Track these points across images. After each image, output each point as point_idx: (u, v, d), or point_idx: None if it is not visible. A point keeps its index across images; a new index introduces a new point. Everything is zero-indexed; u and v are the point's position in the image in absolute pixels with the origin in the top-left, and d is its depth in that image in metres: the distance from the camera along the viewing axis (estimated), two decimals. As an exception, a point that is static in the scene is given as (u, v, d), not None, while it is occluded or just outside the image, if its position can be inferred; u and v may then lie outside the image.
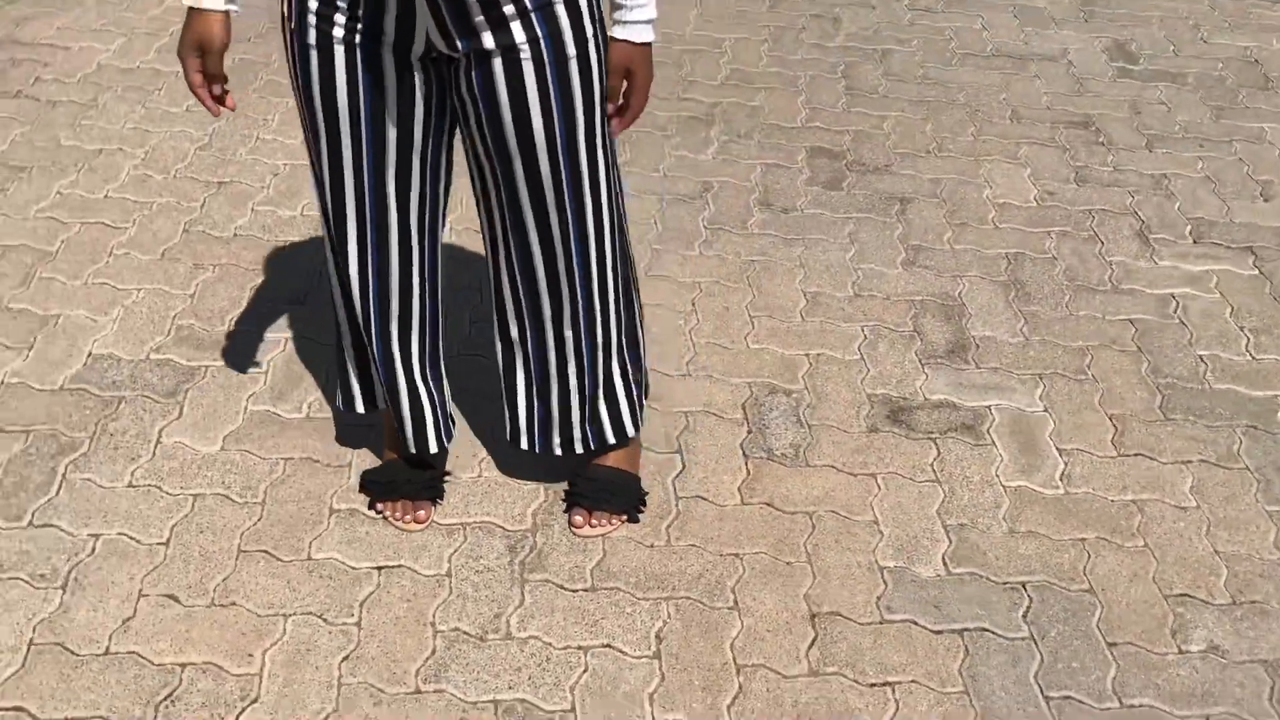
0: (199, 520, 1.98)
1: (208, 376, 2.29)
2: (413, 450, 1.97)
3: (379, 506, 1.99)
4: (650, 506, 2.04)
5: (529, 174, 1.67)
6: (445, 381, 2.00)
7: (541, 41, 1.57)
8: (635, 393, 1.97)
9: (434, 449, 1.98)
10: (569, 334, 1.84)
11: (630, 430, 1.98)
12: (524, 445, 1.98)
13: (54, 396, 2.22)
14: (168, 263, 2.60)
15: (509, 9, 1.55)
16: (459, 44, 1.58)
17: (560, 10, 1.57)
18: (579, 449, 1.96)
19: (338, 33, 1.58)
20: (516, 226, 1.74)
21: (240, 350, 2.36)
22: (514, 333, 1.87)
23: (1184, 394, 2.34)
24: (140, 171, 2.90)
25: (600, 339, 1.86)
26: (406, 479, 1.97)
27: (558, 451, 1.97)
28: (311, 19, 1.58)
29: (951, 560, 1.97)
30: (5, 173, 2.87)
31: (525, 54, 1.58)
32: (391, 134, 1.67)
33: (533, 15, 1.56)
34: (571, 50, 1.59)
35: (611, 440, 1.96)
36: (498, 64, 1.58)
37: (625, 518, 1.99)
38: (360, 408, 2.00)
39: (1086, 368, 2.41)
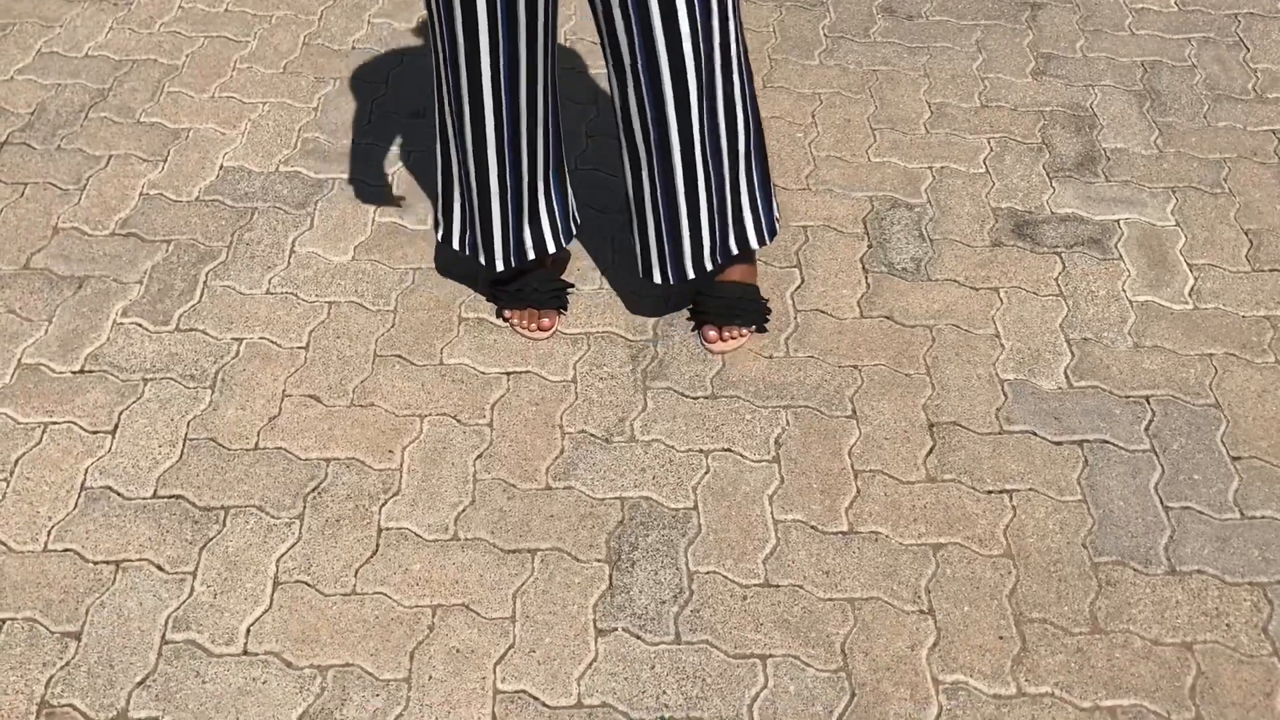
0: (335, 326, 2.06)
1: (335, 189, 2.34)
2: (551, 249, 2.00)
3: (506, 315, 2.04)
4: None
5: None
6: (567, 181, 2.01)
7: None
8: (761, 204, 1.95)
9: (553, 249, 2.00)
10: (698, 153, 1.80)
11: (755, 242, 1.97)
12: (658, 279, 1.95)
13: (190, 207, 2.30)
14: (290, 76, 2.63)
15: None
16: None
17: None
18: (709, 266, 1.94)
19: None
20: (647, 45, 1.69)
21: (365, 163, 2.40)
22: (642, 157, 1.82)
23: (1327, 208, 2.26)
24: (257, -16, 2.91)
25: (726, 151, 1.83)
26: (534, 288, 2.01)
27: (690, 275, 1.93)
28: None
29: (1074, 373, 1.96)
30: (128, -13, 2.90)
31: None
32: None
33: None
34: None
35: (735, 252, 1.96)
36: None
37: (754, 329, 2.01)
38: (500, 263, 2.00)
39: (1223, 180, 2.32)
